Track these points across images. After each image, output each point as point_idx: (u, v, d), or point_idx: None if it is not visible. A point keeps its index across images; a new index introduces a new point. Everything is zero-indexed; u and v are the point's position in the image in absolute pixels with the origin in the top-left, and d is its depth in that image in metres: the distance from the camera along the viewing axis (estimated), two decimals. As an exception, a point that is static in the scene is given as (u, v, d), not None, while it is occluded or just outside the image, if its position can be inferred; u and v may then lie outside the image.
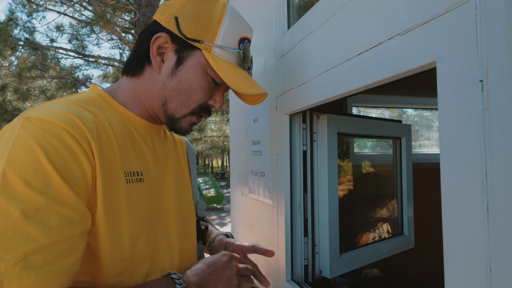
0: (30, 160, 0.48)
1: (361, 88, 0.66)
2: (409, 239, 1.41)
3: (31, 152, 0.48)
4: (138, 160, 0.67)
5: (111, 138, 0.61)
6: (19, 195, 0.46)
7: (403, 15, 0.54)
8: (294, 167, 1.04)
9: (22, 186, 0.46)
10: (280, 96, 1.06)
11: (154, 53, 0.68)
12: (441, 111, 0.46)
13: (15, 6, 6.39)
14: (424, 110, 2.91)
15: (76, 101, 0.61)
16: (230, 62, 0.70)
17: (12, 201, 0.46)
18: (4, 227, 0.44)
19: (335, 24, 0.74)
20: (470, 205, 0.42)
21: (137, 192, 0.64)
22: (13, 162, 0.47)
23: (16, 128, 0.51)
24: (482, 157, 0.40)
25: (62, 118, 0.53)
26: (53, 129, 0.51)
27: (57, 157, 0.50)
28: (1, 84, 6.53)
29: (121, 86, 0.73)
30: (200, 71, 0.69)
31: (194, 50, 0.68)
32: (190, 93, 0.69)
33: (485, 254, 0.40)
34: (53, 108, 0.55)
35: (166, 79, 0.69)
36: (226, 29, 0.69)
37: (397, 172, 1.46)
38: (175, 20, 0.67)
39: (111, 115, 0.66)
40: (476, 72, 0.41)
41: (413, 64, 0.51)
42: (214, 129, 11.22)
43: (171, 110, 0.70)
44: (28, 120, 0.52)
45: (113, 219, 0.59)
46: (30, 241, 0.45)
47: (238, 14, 0.73)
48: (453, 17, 0.44)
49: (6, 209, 0.45)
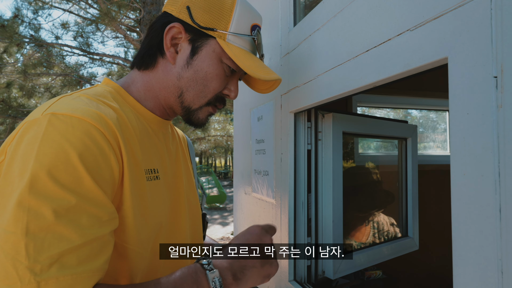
0: (60, 158, 0.46)
1: (369, 85, 0.64)
2: (413, 241, 1.39)
3: (61, 149, 0.47)
4: (155, 157, 0.66)
5: (132, 134, 0.59)
6: (50, 194, 0.45)
7: (413, 10, 0.52)
8: (298, 166, 1.03)
9: (52, 185, 0.45)
10: (285, 94, 1.04)
11: (168, 44, 0.67)
12: (453, 109, 0.45)
13: (21, 3, 6.41)
14: (429, 111, 2.88)
15: (96, 95, 0.59)
16: (244, 50, 0.70)
17: (43, 200, 0.44)
18: (37, 227, 0.43)
19: (342, 21, 0.73)
20: (481, 206, 0.41)
21: (156, 189, 0.63)
22: (42, 160, 0.46)
23: (43, 124, 0.49)
24: (495, 156, 0.39)
25: (90, 114, 0.52)
26: (83, 126, 0.50)
27: (88, 155, 0.49)
28: (6, 81, 6.55)
29: (133, 80, 0.71)
30: (215, 59, 0.68)
31: (209, 38, 0.67)
32: (207, 83, 0.69)
33: (496, 256, 0.39)
34: (78, 103, 0.53)
35: (182, 70, 0.68)
36: (238, 16, 0.68)
37: (402, 173, 1.44)
38: (187, 10, 0.66)
39: (128, 110, 0.64)
40: (490, 68, 0.39)
41: (424, 60, 0.50)
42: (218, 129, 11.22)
43: (187, 101, 0.70)
44: (56, 116, 0.50)
45: (141, 218, 0.58)
46: (63, 241, 0.44)
47: (248, 2, 0.73)
48: (466, 11, 0.43)
49: (37, 209, 0.44)
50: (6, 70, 6.35)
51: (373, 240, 1.33)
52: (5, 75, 6.44)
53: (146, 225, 0.60)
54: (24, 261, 0.42)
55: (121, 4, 5.09)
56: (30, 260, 0.42)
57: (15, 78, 6.39)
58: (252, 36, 0.71)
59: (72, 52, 6.71)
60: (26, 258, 0.42)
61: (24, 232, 0.42)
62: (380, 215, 1.41)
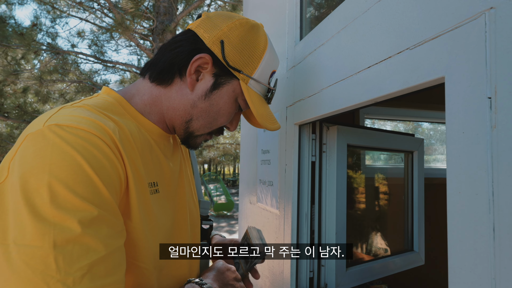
0: (75, 170, 0.46)
1: (370, 101, 0.65)
2: (419, 255, 1.38)
3: (74, 161, 0.46)
4: (155, 170, 0.65)
5: (133, 147, 0.58)
6: (72, 206, 0.44)
7: (413, 29, 0.53)
8: (302, 178, 1.03)
9: (72, 198, 0.44)
10: (290, 106, 1.06)
11: (191, 71, 0.66)
12: (449, 127, 0.45)
13: (40, 12, 6.62)
14: (439, 124, 2.86)
15: (96, 106, 0.58)
16: (259, 95, 0.73)
17: (66, 213, 0.43)
18: (64, 240, 0.42)
19: (346, 37, 0.74)
20: (476, 224, 0.41)
21: (158, 203, 0.63)
22: (57, 173, 0.44)
23: (49, 136, 0.47)
24: (489, 176, 0.39)
25: (94, 126, 0.51)
26: (89, 138, 0.49)
27: (99, 166, 0.48)
28: (23, 87, 6.74)
29: (140, 91, 0.69)
30: (232, 98, 0.70)
31: (233, 78, 0.68)
32: (217, 117, 0.70)
33: (490, 275, 0.39)
34: (80, 114, 0.52)
35: (198, 100, 0.67)
36: (265, 64, 0.71)
37: (409, 186, 1.44)
38: (220, 44, 0.66)
39: (129, 122, 0.62)
40: (485, 89, 0.40)
41: (422, 78, 0.51)
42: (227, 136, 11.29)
43: (193, 128, 0.70)
44: (61, 128, 0.48)
45: (149, 233, 0.58)
46: (91, 252, 0.44)
47: (273, 47, 0.75)
48: (462, 33, 0.44)
49: (62, 222, 0.43)
50: (23, 76, 6.53)
51: (378, 253, 1.32)
52: (22, 81, 6.63)
53: (154, 240, 0.60)
54: (55, 275, 0.41)
55: (135, 14, 5.21)
56: (61, 273, 0.41)
57: (32, 84, 6.57)
58: (272, 88, 0.75)
59: (87, 60, 6.87)
60: (57, 272, 0.41)
61: (51, 246, 0.42)
62: (385, 228, 1.40)
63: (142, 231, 0.56)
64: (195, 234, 0.80)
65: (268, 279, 1.19)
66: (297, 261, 1.01)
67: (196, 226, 0.81)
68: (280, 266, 1.07)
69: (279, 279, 1.08)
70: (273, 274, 1.14)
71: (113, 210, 0.49)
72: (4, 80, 6.31)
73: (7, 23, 5.74)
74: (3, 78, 6.23)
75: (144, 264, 0.58)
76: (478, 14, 0.41)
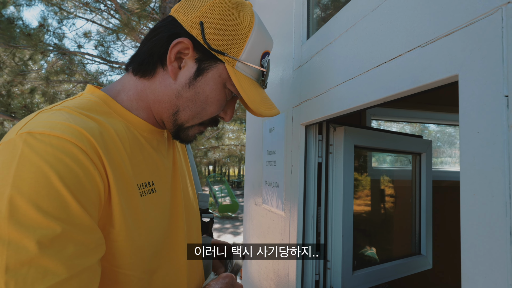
0: (41, 183, 0.42)
1: (379, 101, 0.64)
2: (426, 259, 1.35)
3: (40, 173, 0.42)
4: (149, 169, 0.62)
5: (120, 149, 0.55)
6: (32, 223, 0.40)
7: (425, 26, 0.52)
8: (308, 179, 1.02)
9: (34, 213, 0.40)
10: (297, 107, 1.04)
11: (171, 58, 0.61)
12: (462, 127, 0.44)
13: (47, 13, 6.68)
14: (446, 126, 2.82)
15: (77, 108, 0.54)
16: (250, 78, 0.67)
17: (25, 231, 0.39)
18: (18, 262, 0.38)
19: (354, 35, 0.73)
20: (491, 228, 0.39)
21: (151, 204, 0.60)
22: (20, 186, 0.41)
23: (18, 145, 0.44)
24: (505, 177, 0.38)
25: (69, 131, 0.47)
26: (62, 145, 0.45)
27: (70, 177, 0.44)
28: (30, 87, 6.80)
29: (125, 87, 0.65)
30: (219, 84, 0.64)
31: (217, 62, 0.63)
32: (205, 106, 0.65)
33: (507, 281, 0.37)
34: (56, 119, 0.49)
35: (182, 89, 0.63)
36: (252, 44, 0.65)
37: (416, 189, 1.41)
38: (200, 26, 0.61)
39: (116, 121, 0.59)
40: (501, 87, 0.39)
41: (434, 77, 0.49)
42: (232, 138, 11.29)
43: (181, 120, 0.66)
44: (32, 136, 0.44)
45: (133, 238, 0.54)
46: (48, 276, 0.40)
47: (263, 26, 0.69)
48: (477, 29, 0.42)
49: (18, 241, 0.39)
50: (30, 76, 6.59)
51: (385, 256, 1.30)
52: (29, 81, 6.69)
53: (143, 245, 0.56)
54: None
55: (141, 15, 5.23)
56: None
57: (39, 84, 6.63)
58: (262, 68, 0.68)
59: (93, 60, 6.92)
60: None
61: (3, 269, 0.38)
62: (392, 231, 1.38)
63: (129, 237, 0.53)
64: (196, 228, 0.78)
65: (273, 281, 1.17)
66: (302, 263, 1.00)
67: (196, 220, 0.79)
68: (285, 269, 1.06)
69: (284, 282, 1.06)
70: (278, 276, 1.13)
71: (85, 225, 0.45)
72: (11, 80, 6.38)
73: (15, 24, 5.80)
74: (11, 78, 6.29)
75: (131, 271, 0.55)
76: (495, 9, 0.40)
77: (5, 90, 6.34)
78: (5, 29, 5.53)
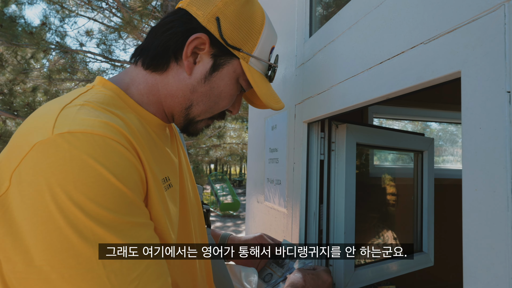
0: (103, 185, 0.42)
1: (382, 98, 0.64)
2: (428, 256, 1.36)
3: (99, 175, 0.42)
4: (165, 164, 0.62)
5: (142, 144, 0.54)
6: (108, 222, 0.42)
7: (427, 23, 0.52)
8: (311, 176, 1.02)
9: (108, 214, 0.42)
10: (299, 104, 1.05)
11: (188, 53, 0.61)
12: (465, 123, 0.44)
13: (49, 11, 6.68)
14: (448, 124, 2.82)
15: (98, 103, 0.52)
16: (261, 74, 0.69)
17: (106, 230, 0.42)
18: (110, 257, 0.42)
19: (357, 32, 0.73)
20: (493, 222, 0.40)
21: (172, 198, 0.61)
22: (85, 191, 0.41)
23: (63, 146, 0.42)
24: (507, 172, 0.38)
25: (108, 128, 0.46)
26: (108, 144, 0.45)
27: (124, 175, 0.45)
28: (32, 86, 6.82)
29: (134, 80, 0.63)
30: (233, 79, 0.66)
31: (233, 58, 0.64)
32: (219, 100, 0.66)
33: (508, 275, 0.38)
34: (88, 116, 0.47)
35: (197, 84, 0.63)
36: (264, 39, 0.66)
37: (418, 186, 1.42)
38: (216, 21, 0.61)
39: (132, 116, 0.57)
40: (504, 83, 0.39)
41: (437, 73, 0.50)
42: (234, 136, 11.29)
43: (193, 114, 0.66)
44: (75, 136, 0.43)
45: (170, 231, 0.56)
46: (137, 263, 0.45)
47: (270, 20, 0.71)
48: (480, 25, 0.43)
49: (104, 239, 0.42)
50: (32, 75, 6.60)
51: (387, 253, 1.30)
52: (32, 80, 6.70)
53: (172, 240, 0.57)
54: None
55: (143, 13, 5.23)
56: None
57: (41, 83, 6.64)
58: (273, 64, 0.71)
59: (95, 59, 6.92)
60: None
61: (101, 266, 0.41)
62: (394, 228, 1.39)
63: (165, 230, 0.55)
64: (200, 219, 0.79)
65: (275, 278, 1.18)
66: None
67: (200, 213, 0.80)
68: (287, 265, 1.06)
69: (287, 278, 1.07)
70: (280, 273, 1.13)
71: (147, 215, 0.49)
72: (14, 79, 6.39)
73: (17, 23, 5.80)
74: (13, 77, 6.30)
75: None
76: (497, 5, 0.40)
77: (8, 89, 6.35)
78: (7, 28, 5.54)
